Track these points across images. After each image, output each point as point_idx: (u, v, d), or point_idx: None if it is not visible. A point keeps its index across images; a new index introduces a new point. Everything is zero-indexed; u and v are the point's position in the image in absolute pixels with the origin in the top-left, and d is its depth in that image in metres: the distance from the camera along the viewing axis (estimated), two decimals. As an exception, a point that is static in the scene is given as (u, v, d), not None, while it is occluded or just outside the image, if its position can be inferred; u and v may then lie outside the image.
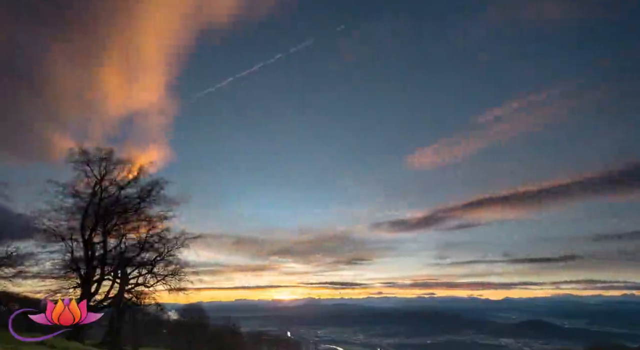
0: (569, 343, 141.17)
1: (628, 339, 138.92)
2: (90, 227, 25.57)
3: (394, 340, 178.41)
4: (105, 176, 26.40)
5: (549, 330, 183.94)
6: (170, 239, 28.25)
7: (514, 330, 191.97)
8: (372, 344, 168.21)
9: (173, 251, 28.19)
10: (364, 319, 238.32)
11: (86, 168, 25.79)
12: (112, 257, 27.03)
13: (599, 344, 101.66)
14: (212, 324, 56.06)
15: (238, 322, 63.74)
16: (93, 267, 25.61)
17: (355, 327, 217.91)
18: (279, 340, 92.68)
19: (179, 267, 28.29)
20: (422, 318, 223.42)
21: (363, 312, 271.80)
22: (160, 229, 28.26)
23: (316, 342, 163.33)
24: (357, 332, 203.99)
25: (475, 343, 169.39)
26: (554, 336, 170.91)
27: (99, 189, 26.23)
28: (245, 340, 65.67)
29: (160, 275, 28.11)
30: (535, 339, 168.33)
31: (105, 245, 26.48)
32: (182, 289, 28.00)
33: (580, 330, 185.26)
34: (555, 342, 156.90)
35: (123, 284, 26.84)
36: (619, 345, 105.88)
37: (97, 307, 24.58)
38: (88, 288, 24.89)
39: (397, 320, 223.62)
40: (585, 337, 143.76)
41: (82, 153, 25.72)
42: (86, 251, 25.32)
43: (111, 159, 26.54)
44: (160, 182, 27.93)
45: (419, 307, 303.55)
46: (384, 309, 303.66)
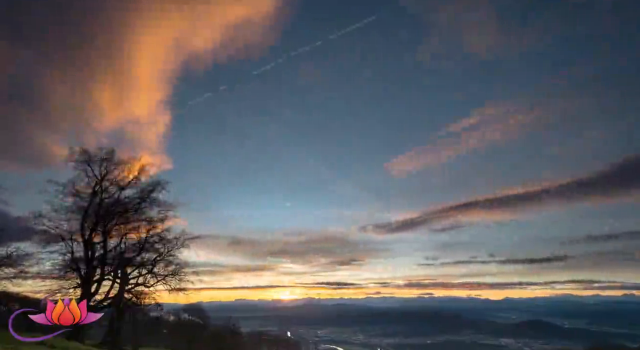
0: (568, 343, 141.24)
1: (628, 339, 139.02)
2: (90, 227, 25.57)
3: (393, 340, 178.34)
4: (105, 176, 26.43)
5: (549, 330, 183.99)
6: (170, 239, 28.34)
7: (514, 330, 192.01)
8: (372, 344, 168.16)
9: (173, 251, 28.27)
10: (364, 319, 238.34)
11: (86, 168, 25.85)
12: (112, 257, 27.02)
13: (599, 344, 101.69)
14: (212, 324, 56.01)
15: (238, 322, 63.64)
16: (93, 267, 25.59)
17: (355, 327, 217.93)
18: (279, 340, 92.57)
19: (179, 267, 28.36)
20: (422, 318, 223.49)
21: (363, 312, 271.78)
22: (160, 229, 28.34)
23: (316, 342, 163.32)
24: (357, 332, 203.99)
25: (475, 343, 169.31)
26: (554, 336, 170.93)
27: (99, 189, 26.24)
28: (245, 340, 65.58)
29: (160, 275, 28.12)
30: (535, 339, 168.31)
31: (105, 245, 26.47)
32: (182, 289, 28.03)
33: (580, 330, 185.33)
34: (555, 342, 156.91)
35: (123, 284, 26.81)
36: (619, 345, 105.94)
37: (97, 307, 24.58)
38: (88, 288, 24.88)
39: (397, 320, 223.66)
40: (585, 337, 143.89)
41: (82, 153, 25.78)
42: (86, 251, 25.31)
43: (112, 159, 26.61)
44: (161, 183, 28.02)
45: (419, 307, 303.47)
46: (384, 309, 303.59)
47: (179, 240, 28.40)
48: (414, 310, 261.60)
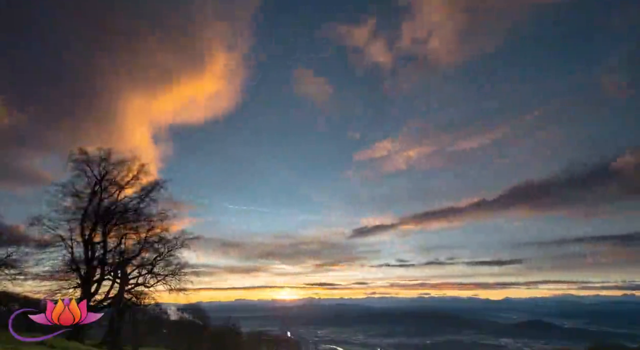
0: (568, 343, 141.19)
1: (627, 339, 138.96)
2: (90, 227, 25.54)
3: (393, 340, 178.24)
4: (105, 176, 26.38)
5: (549, 330, 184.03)
6: (169, 239, 28.34)
7: (514, 330, 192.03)
8: (372, 344, 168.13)
9: (173, 251, 28.25)
10: (364, 319, 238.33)
11: (86, 168, 25.79)
12: (112, 257, 27.02)
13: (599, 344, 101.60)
14: (212, 324, 55.99)
15: (238, 322, 63.62)
16: (93, 267, 25.56)
17: (355, 327, 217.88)
18: (279, 340, 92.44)
19: (178, 267, 28.34)
20: (422, 318, 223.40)
21: (363, 312, 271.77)
22: (160, 229, 28.31)
23: (316, 342, 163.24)
24: (357, 332, 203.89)
25: (475, 343, 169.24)
26: (554, 336, 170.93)
27: (99, 189, 26.19)
28: (245, 340, 65.49)
29: (160, 275, 28.10)
30: (535, 339, 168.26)
31: (105, 245, 26.43)
32: (182, 289, 28.04)
33: (580, 330, 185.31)
34: (555, 342, 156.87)
35: (123, 284, 26.79)
36: (619, 345, 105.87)
37: (97, 307, 24.57)
38: (88, 288, 24.86)
39: (397, 320, 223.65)
40: (585, 337, 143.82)
41: (82, 153, 25.73)
42: (86, 251, 25.29)
43: (111, 159, 26.55)
44: (160, 183, 28.00)
45: (419, 308, 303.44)
46: (384, 309, 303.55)
47: (179, 240, 28.44)
48: (414, 311, 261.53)
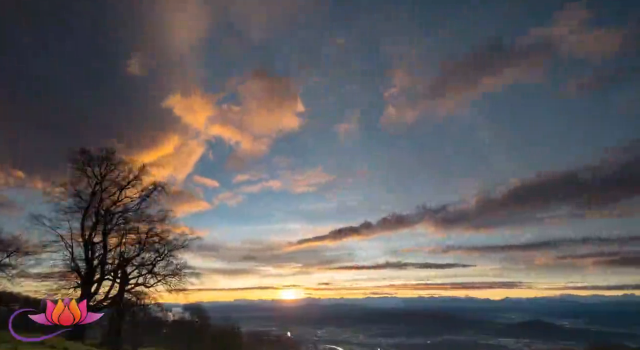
0: (568, 343, 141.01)
1: (627, 339, 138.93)
2: (90, 227, 25.57)
3: (393, 340, 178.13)
4: (105, 176, 26.39)
5: (549, 330, 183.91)
6: (170, 239, 28.34)
7: (514, 330, 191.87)
8: (372, 344, 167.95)
9: (173, 251, 28.25)
10: (364, 319, 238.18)
11: (86, 168, 25.77)
12: (112, 257, 27.04)
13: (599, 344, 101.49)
14: (212, 324, 55.95)
15: (238, 322, 63.64)
16: (93, 267, 25.58)
17: (355, 327, 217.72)
18: (279, 340, 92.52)
19: (179, 267, 28.34)
20: (422, 318, 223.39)
21: (362, 312, 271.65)
22: (160, 230, 28.33)
23: (316, 342, 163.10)
24: (357, 332, 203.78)
25: (475, 343, 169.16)
26: (554, 336, 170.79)
27: (99, 189, 26.19)
28: (245, 340, 65.50)
29: (160, 276, 28.08)
30: (535, 339, 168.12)
31: (105, 245, 26.44)
32: (182, 289, 28.02)
33: (580, 330, 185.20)
34: (555, 342, 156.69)
35: (123, 284, 26.79)
36: (619, 345, 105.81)
37: (97, 307, 24.53)
38: (88, 288, 24.87)
39: (397, 320, 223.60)
40: (585, 337, 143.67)
41: (82, 153, 25.70)
42: (86, 251, 25.30)
43: (112, 159, 26.53)
44: (160, 183, 28.01)
45: (418, 307, 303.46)
46: (384, 309, 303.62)
47: (179, 240, 28.47)
48: (414, 311, 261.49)
